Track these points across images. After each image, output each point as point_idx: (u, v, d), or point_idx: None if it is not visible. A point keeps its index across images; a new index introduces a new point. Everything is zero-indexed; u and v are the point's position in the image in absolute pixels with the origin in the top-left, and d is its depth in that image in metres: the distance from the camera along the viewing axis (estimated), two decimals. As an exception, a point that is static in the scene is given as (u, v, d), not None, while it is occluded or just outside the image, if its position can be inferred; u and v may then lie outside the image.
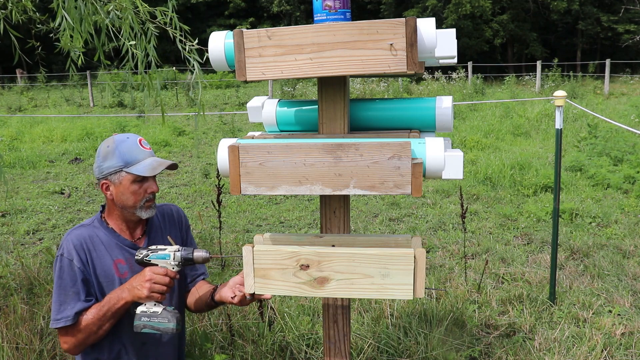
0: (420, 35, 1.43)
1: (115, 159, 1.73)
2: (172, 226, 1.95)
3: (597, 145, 7.42)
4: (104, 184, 1.76)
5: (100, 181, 1.77)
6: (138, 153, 1.75)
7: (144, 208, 1.77)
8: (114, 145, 1.75)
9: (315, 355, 2.77)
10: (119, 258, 1.78)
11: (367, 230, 5.05)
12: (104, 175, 1.75)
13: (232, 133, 10.75)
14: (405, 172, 1.42)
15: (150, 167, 1.74)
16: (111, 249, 1.79)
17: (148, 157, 1.77)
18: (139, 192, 1.75)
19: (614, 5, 26.07)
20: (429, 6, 26.03)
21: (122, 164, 1.73)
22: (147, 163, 1.74)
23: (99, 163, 1.76)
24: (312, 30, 1.46)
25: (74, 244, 1.75)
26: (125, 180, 1.73)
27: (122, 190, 1.74)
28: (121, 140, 1.76)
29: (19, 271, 3.73)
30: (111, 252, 1.78)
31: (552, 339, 2.95)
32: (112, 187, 1.75)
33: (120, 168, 1.73)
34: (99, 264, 1.76)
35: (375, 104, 1.79)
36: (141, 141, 1.79)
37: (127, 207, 1.76)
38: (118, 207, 1.77)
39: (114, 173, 1.74)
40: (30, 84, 21.64)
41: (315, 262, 1.50)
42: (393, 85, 16.87)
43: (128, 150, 1.74)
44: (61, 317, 1.70)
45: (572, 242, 4.45)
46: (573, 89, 15.32)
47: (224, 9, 31.46)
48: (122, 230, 1.82)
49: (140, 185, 1.75)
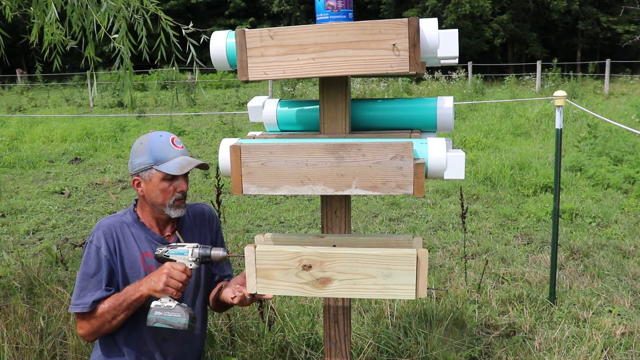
0: (423, 35, 1.43)
1: (146, 156, 1.75)
2: (203, 226, 1.96)
3: (597, 145, 7.42)
4: (135, 180, 1.79)
5: (132, 177, 1.80)
6: (169, 151, 1.76)
7: (173, 207, 1.79)
8: (146, 142, 1.77)
9: (315, 355, 2.77)
10: (147, 251, 1.80)
11: (367, 230, 5.05)
12: (136, 172, 1.78)
13: (232, 133, 10.74)
14: (407, 172, 1.42)
15: (179, 166, 1.75)
16: (140, 242, 1.80)
17: (179, 155, 1.78)
18: (169, 190, 1.76)
19: (613, 5, 26.08)
20: (429, 6, 26.03)
21: (152, 161, 1.75)
22: (177, 162, 1.76)
23: (132, 159, 1.79)
24: (315, 30, 1.46)
25: (103, 232, 1.77)
26: (155, 177, 1.75)
27: (152, 187, 1.76)
28: (154, 138, 1.78)
29: (19, 271, 3.73)
30: (140, 245, 1.80)
31: (552, 339, 2.96)
32: (143, 184, 1.77)
33: (150, 165, 1.75)
34: (127, 255, 1.78)
35: (376, 104, 1.79)
36: (174, 140, 1.80)
37: (156, 205, 1.78)
38: (148, 203, 1.80)
39: (144, 170, 1.76)
40: (30, 84, 21.62)
41: (317, 263, 1.50)
42: (393, 85, 16.87)
43: (159, 148, 1.76)
44: (80, 302, 1.72)
45: (572, 242, 4.45)
46: (573, 89, 15.33)
47: (224, 9, 31.46)
48: (152, 226, 1.84)
49: (170, 183, 1.76)
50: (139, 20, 2.48)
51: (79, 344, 2.74)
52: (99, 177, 7.46)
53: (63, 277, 3.79)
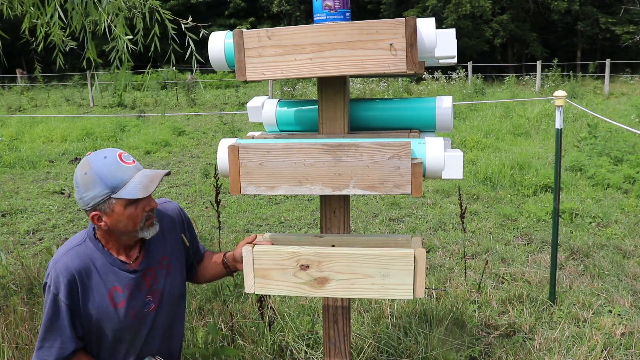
0: (420, 35, 1.43)
1: (98, 186, 1.50)
2: (171, 230, 1.77)
3: (597, 145, 7.41)
4: (95, 216, 1.54)
5: (88, 213, 1.55)
6: (122, 172, 1.51)
7: (146, 228, 1.59)
8: (91, 171, 1.50)
9: (315, 355, 2.77)
10: (115, 285, 1.60)
11: (367, 230, 5.05)
12: (92, 207, 1.53)
13: (232, 133, 10.74)
14: (405, 172, 1.42)
15: (142, 186, 1.52)
16: (106, 276, 1.59)
17: (135, 173, 1.53)
18: (137, 214, 1.55)
19: (613, 5, 26.07)
20: (429, 6, 26.03)
21: (107, 190, 1.50)
22: (137, 182, 1.52)
23: (80, 194, 1.53)
24: (312, 30, 1.46)
25: (63, 276, 1.54)
26: (117, 207, 1.52)
27: (117, 218, 1.53)
28: (98, 163, 1.51)
29: (19, 271, 3.73)
30: (106, 280, 1.59)
31: (552, 339, 2.95)
32: (105, 217, 1.54)
33: (107, 195, 1.50)
34: (93, 297, 1.58)
35: (375, 104, 1.79)
36: (121, 155, 1.54)
37: (127, 233, 1.57)
38: (116, 234, 1.58)
39: (101, 202, 1.52)
40: (30, 84, 21.63)
41: (315, 263, 1.50)
42: (393, 85, 16.87)
43: (109, 173, 1.50)
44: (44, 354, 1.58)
45: (572, 242, 4.45)
46: (573, 89, 15.32)
47: (224, 9, 31.48)
48: (119, 253, 1.63)
49: (136, 206, 1.54)
50: (138, 14, 2.48)
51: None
52: (99, 178, 7.46)
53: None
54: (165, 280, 1.71)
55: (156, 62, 24.06)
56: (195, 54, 2.50)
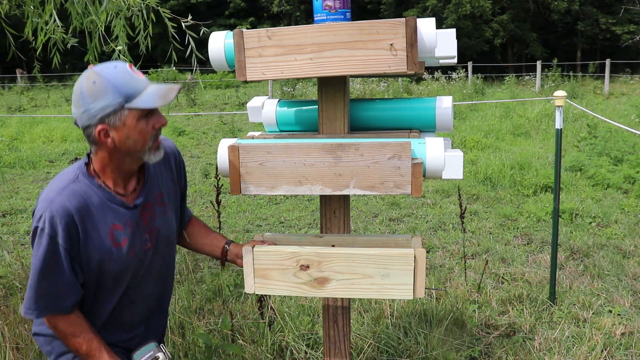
0: (420, 35, 1.43)
1: (110, 95, 1.34)
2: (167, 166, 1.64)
3: (597, 145, 7.41)
4: (102, 130, 1.37)
5: (93, 128, 1.38)
6: (135, 82, 1.38)
7: (153, 149, 1.45)
8: (101, 79, 1.35)
9: (315, 355, 2.77)
10: (115, 223, 1.46)
11: (367, 230, 5.05)
12: (100, 119, 1.36)
13: (232, 133, 10.74)
14: (405, 172, 1.42)
15: (159, 95, 1.39)
16: (105, 213, 1.45)
17: (147, 85, 1.40)
18: (147, 130, 1.41)
19: (613, 5, 26.08)
20: (429, 6, 26.03)
21: (121, 99, 1.35)
22: (152, 91, 1.39)
23: (86, 106, 1.36)
24: (313, 31, 1.46)
25: (60, 217, 1.38)
26: (130, 118, 1.37)
27: (128, 132, 1.38)
28: (110, 71, 1.36)
29: (19, 271, 3.73)
30: (105, 218, 1.45)
31: (552, 339, 2.95)
32: (113, 132, 1.38)
33: (121, 105, 1.35)
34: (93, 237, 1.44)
35: (375, 104, 1.79)
36: (132, 67, 1.41)
37: (134, 152, 1.42)
38: (121, 154, 1.43)
39: (112, 113, 1.36)
40: (30, 84, 21.64)
41: (315, 263, 1.50)
42: (393, 85, 16.87)
43: (123, 81, 1.36)
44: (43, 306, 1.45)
45: (572, 242, 4.45)
46: (573, 89, 15.32)
47: (224, 9, 31.47)
48: (116, 184, 1.48)
49: (147, 121, 1.41)
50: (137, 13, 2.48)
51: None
52: (99, 178, 7.46)
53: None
54: (162, 218, 1.60)
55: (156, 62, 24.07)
56: (196, 52, 2.50)
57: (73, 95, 1.40)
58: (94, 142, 1.41)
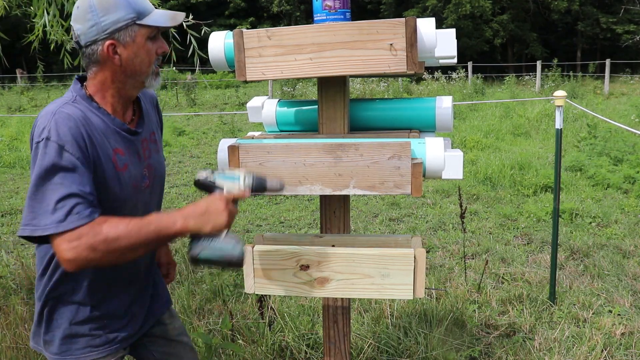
0: (420, 35, 1.43)
1: (122, 9, 1.30)
2: (153, 111, 1.60)
3: (597, 145, 7.41)
4: (110, 45, 1.31)
5: (100, 44, 1.31)
6: (146, 1, 1.36)
7: (154, 74, 1.40)
8: None
9: (315, 355, 2.77)
10: (117, 147, 1.37)
11: (367, 230, 5.05)
12: (109, 33, 1.30)
13: (232, 133, 10.74)
14: (405, 172, 1.42)
15: (169, 16, 1.37)
16: (107, 135, 1.35)
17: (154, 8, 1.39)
18: (153, 53, 1.38)
19: (613, 5, 26.09)
20: (429, 6, 26.04)
21: (133, 15, 1.31)
22: (161, 12, 1.37)
23: (96, 19, 1.29)
24: (312, 30, 1.46)
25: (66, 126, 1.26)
26: (140, 36, 1.33)
27: (137, 50, 1.34)
28: None
29: (19, 271, 3.73)
30: (108, 140, 1.35)
31: (552, 339, 2.95)
32: (122, 49, 1.32)
33: (133, 20, 1.31)
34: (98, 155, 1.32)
35: (375, 104, 1.79)
36: None
37: (138, 74, 1.37)
38: (125, 76, 1.36)
39: (124, 28, 1.31)
40: (30, 84, 21.63)
41: (315, 263, 1.50)
42: (393, 85, 16.87)
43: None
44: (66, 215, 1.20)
45: (572, 242, 4.45)
46: (573, 89, 15.32)
47: (224, 9, 31.47)
48: (115, 111, 1.40)
49: (153, 43, 1.37)
50: None
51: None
52: (99, 178, 7.47)
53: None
54: (156, 156, 1.53)
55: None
56: (198, 51, 2.50)
57: (76, 10, 1.32)
58: (97, 61, 1.33)
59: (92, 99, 1.36)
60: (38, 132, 1.26)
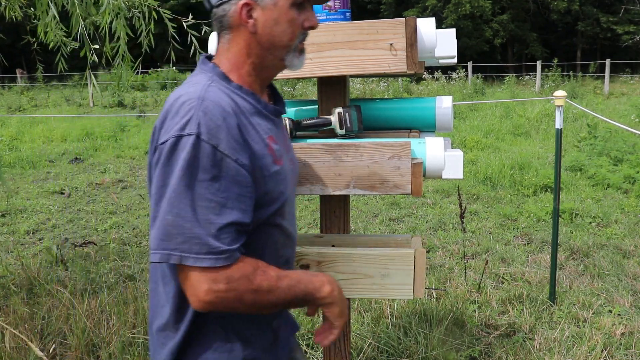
0: (420, 35, 1.43)
1: None
2: None
3: (597, 145, 7.42)
4: (245, 6, 1.04)
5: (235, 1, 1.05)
6: None
7: (298, 51, 1.12)
8: None
9: (315, 355, 2.77)
10: (269, 135, 1.09)
11: (367, 230, 5.05)
12: None
13: (232, 133, 10.72)
14: (405, 172, 1.42)
15: None
16: (258, 120, 1.08)
17: None
18: (297, 24, 1.09)
19: (613, 5, 26.10)
20: (429, 6, 26.06)
21: None
22: None
23: None
24: (312, 30, 1.46)
25: (218, 119, 0.97)
26: (283, 0, 1.06)
27: (278, 15, 1.06)
28: None
29: (19, 271, 3.73)
30: (260, 126, 1.07)
31: (552, 339, 2.95)
32: (259, 11, 1.05)
33: None
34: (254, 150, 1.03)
35: (375, 104, 1.79)
36: None
37: (277, 48, 1.08)
38: (261, 48, 1.08)
39: None
40: (30, 84, 21.64)
41: (315, 263, 1.50)
42: (393, 85, 16.87)
43: None
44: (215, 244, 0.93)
45: (572, 242, 4.45)
46: (573, 89, 15.33)
47: (224, 9, 31.48)
48: (256, 92, 1.12)
49: (299, 13, 1.09)
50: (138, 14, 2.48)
51: (79, 344, 2.73)
52: (99, 177, 7.46)
53: (63, 277, 3.79)
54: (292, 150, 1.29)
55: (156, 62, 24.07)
56: (200, 50, 2.50)
57: None
58: (229, 26, 1.07)
59: (229, 78, 1.08)
60: (182, 123, 0.96)
